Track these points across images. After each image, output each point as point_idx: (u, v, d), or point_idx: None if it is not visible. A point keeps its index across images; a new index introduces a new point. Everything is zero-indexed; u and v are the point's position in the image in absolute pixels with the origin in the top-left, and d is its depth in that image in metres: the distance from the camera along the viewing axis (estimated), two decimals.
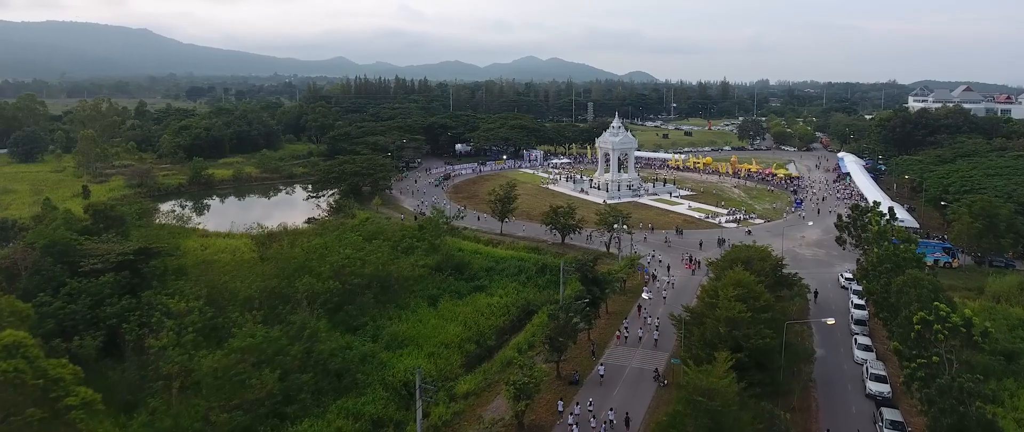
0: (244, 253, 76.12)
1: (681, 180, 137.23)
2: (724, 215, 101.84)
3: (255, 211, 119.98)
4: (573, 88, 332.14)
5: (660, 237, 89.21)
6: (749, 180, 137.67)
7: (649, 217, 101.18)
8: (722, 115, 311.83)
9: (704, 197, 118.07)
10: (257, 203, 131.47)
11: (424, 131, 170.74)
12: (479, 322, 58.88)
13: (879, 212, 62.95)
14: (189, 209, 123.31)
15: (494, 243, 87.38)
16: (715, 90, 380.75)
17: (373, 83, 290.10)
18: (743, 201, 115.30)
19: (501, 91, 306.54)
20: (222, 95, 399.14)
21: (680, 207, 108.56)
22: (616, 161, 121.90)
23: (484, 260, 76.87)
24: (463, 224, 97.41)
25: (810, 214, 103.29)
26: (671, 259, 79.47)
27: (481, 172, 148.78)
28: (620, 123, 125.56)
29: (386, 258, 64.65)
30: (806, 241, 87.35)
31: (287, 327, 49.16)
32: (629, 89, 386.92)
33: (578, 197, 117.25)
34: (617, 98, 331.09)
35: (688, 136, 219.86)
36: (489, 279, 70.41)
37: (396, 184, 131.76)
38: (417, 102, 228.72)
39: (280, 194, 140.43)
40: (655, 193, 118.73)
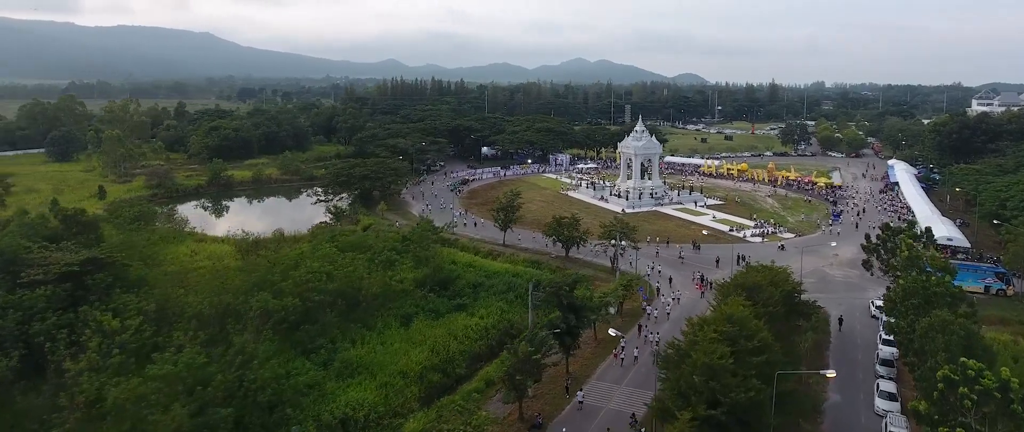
0: (228, 261, 72.25)
1: (712, 188, 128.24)
2: (750, 228, 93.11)
3: (264, 214, 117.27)
4: (612, 90, 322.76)
5: (675, 252, 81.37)
6: (786, 189, 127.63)
7: (667, 229, 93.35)
8: (769, 118, 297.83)
9: (733, 207, 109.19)
10: (271, 206, 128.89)
11: (449, 133, 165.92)
12: (451, 347, 52.86)
13: (912, 233, 54.11)
14: (205, 210, 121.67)
15: (494, 255, 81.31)
16: (763, 92, 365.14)
17: (409, 84, 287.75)
18: (775, 212, 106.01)
19: (539, 93, 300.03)
20: (270, 96, 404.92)
21: (704, 218, 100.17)
22: (639, 167, 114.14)
23: (475, 274, 70.89)
24: (465, 232, 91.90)
25: (847, 229, 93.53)
26: (682, 277, 71.85)
27: (502, 177, 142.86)
28: (644, 127, 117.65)
29: (360, 272, 59.36)
30: (839, 260, 78.10)
31: (224, 350, 44.35)
32: (673, 91, 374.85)
33: (596, 205, 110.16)
34: (659, 100, 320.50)
35: (728, 140, 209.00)
36: (474, 297, 64.30)
37: (412, 188, 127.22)
38: (449, 104, 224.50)
39: (300, 196, 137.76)
40: (680, 202, 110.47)
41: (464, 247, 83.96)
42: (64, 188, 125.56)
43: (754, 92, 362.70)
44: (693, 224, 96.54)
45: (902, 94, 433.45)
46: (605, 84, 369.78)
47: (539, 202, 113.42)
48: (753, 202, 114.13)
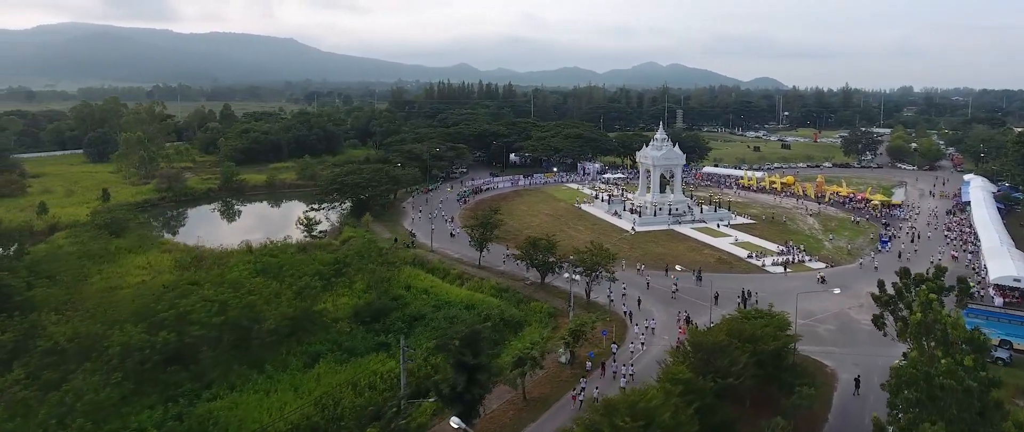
0: (164, 277, 65.55)
1: (748, 203, 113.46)
2: (773, 255, 79.03)
3: (259, 221, 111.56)
4: (668, 94, 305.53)
5: (674, 282, 68.80)
6: (834, 207, 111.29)
7: (675, 253, 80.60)
8: (840, 125, 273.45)
9: (763, 228, 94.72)
10: (270, 212, 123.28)
11: (474, 139, 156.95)
12: (345, 399, 43.37)
13: (935, 283, 40.29)
14: (203, 215, 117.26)
15: (464, 278, 71.27)
16: (835, 97, 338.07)
17: (456, 88, 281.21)
18: (810, 236, 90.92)
19: (591, 97, 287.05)
20: (327, 99, 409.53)
21: (723, 240, 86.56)
22: (657, 180, 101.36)
23: (424, 303, 61.16)
24: (445, 249, 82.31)
25: (892, 260, 77.87)
26: (668, 316, 59.61)
27: (521, 186, 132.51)
28: (664, 134, 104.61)
29: (263, 301, 50.72)
30: (871, 300, 63.53)
31: (61, 395, 37.00)
32: (734, 95, 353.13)
33: (607, 221, 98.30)
34: (720, 105, 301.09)
35: (785, 148, 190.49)
36: (408, 332, 54.58)
37: (420, 197, 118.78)
38: (487, 108, 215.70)
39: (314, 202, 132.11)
40: (701, 220, 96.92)
41: (433, 268, 74.41)
42: (77, 189, 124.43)
43: (824, 97, 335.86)
44: (708, 247, 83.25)
45: (997, 100, 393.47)
46: (664, 88, 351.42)
47: (546, 216, 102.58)
48: (790, 222, 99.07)
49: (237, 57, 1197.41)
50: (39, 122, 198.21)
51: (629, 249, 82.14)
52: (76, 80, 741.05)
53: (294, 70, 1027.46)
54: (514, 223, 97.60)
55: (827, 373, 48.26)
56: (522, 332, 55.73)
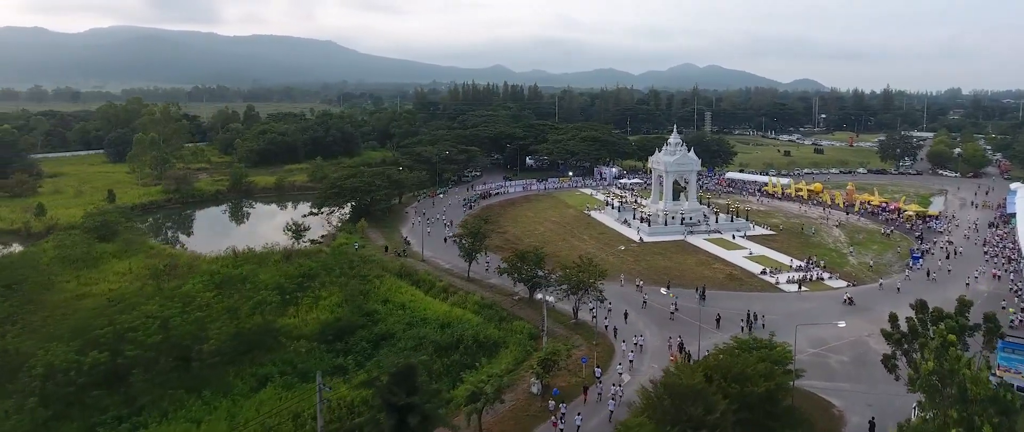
0: (136, 285, 62.55)
1: (770, 212, 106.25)
2: (789, 271, 72.32)
3: (256, 225, 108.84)
4: (696, 96, 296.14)
5: (677, 299, 62.85)
6: (865, 217, 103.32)
7: (683, 266, 74.49)
8: (880, 129, 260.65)
9: (783, 240, 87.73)
10: (271, 216, 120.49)
11: (490, 141, 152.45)
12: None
13: (957, 322, 33.89)
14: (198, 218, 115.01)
15: (450, 291, 66.48)
16: (875, 99, 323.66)
17: (481, 89, 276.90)
18: (834, 249, 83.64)
19: (618, 99, 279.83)
20: (357, 100, 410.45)
21: (737, 253, 80.00)
22: (670, 186, 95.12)
23: (398, 320, 56.70)
24: (436, 258, 77.74)
25: (923, 278, 70.39)
26: (661, 341, 53.86)
27: (532, 190, 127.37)
28: (679, 138, 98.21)
29: (215, 314, 46.85)
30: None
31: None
32: (771, 97, 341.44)
33: (615, 230, 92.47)
34: (753, 107, 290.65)
35: (818, 153, 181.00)
36: (371, 354, 50.14)
37: (425, 201, 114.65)
38: (509, 109, 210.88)
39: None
40: (716, 230, 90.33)
41: (419, 279, 69.85)
42: (88, 190, 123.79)
43: (864, 99, 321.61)
44: (718, 261, 76.83)
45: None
46: (694, 90, 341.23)
47: (551, 223, 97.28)
48: (813, 234, 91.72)
49: (278, 59, 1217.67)
50: (67, 122, 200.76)
51: (633, 262, 76.39)
52: (124, 81, 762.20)
53: (332, 72, 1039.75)
54: (517, 231, 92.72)
55: (834, 415, 42.06)
56: (497, 355, 50.73)
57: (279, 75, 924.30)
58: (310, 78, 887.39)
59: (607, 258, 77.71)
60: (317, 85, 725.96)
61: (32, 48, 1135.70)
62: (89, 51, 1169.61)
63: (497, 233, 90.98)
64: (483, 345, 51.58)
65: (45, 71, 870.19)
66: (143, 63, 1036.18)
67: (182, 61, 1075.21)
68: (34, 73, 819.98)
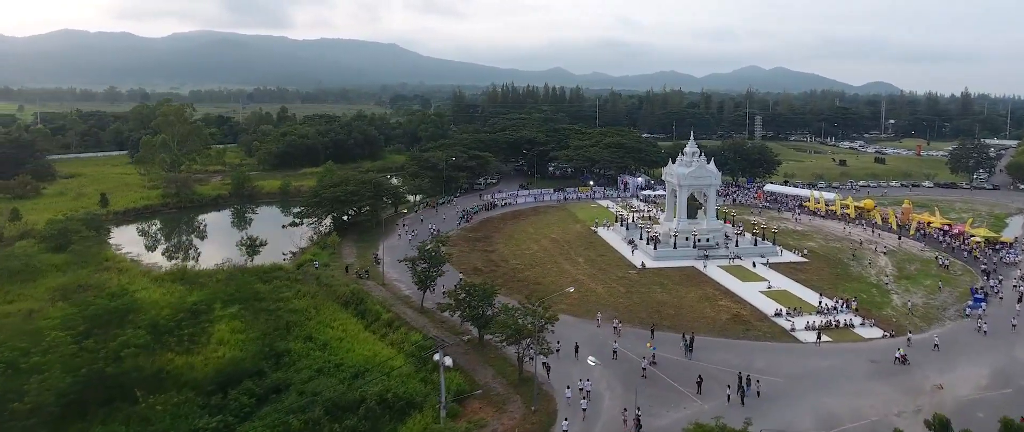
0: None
1: (807, 233, 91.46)
2: (813, 314, 58.73)
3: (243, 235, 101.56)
4: (749, 99, 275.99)
5: (658, 348, 50.65)
6: (922, 241, 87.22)
7: (683, 303, 61.88)
8: (956, 136, 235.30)
9: (815, 269, 73.51)
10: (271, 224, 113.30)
11: (508, 147, 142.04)
12: None
13: None
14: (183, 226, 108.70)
15: (394, 325, 56.31)
16: (953, 103, 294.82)
17: (521, 92, 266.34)
18: (877, 283, 68.91)
19: (666, 102, 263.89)
20: (404, 102, 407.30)
21: (754, 286, 66.63)
22: (685, 202, 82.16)
23: (313, 363, 47.12)
24: (397, 282, 67.73)
25: (993, 328, 55.45)
26: (617, 410, 42.08)
27: (545, 201, 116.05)
28: (696, 147, 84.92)
29: (60, 359, 38.22)
30: (938, 401, 42.92)
31: None
32: (837, 100, 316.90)
33: (618, 252, 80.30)
34: (813, 111, 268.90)
35: (879, 163, 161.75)
36: (250, 412, 40.59)
37: (428, 210, 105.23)
38: (542, 113, 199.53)
39: None
40: (736, 255, 76.79)
41: (367, 309, 60.02)
42: (92, 191, 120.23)
43: (939, 103, 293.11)
44: (727, 296, 63.76)
45: None
46: (747, 93, 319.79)
47: (549, 242, 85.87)
48: (854, 261, 76.97)
49: (343, 61, 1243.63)
50: (105, 123, 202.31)
51: (624, 294, 64.35)
52: (199, 83, 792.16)
53: (394, 74, 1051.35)
54: (506, 250, 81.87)
55: None
56: (406, 422, 40.23)
57: (343, 77, 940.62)
58: (372, 80, 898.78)
59: (595, 288, 66.03)
60: (375, 87, 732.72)
61: (120, 52, 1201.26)
62: (171, 55, 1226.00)
63: (482, 252, 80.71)
64: (391, 407, 41.21)
65: (131, 73, 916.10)
66: (219, 66, 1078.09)
67: (254, 64, 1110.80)
68: (120, 75, 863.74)
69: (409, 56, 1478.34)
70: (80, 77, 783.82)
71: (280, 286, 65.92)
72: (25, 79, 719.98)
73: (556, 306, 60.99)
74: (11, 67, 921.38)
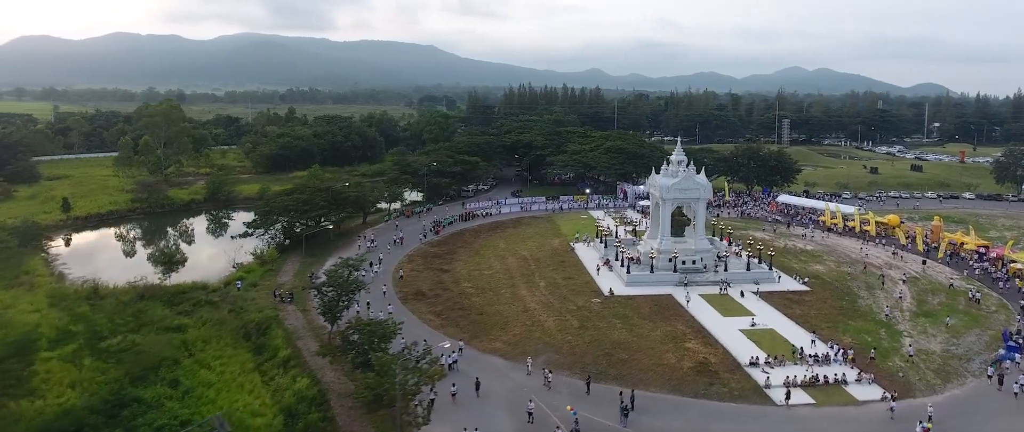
0: None
1: (817, 254, 79.23)
2: (797, 362, 47.54)
3: (201, 246, 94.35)
4: (781, 99, 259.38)
5: (565, 420, 40.40)
6: (950, 266, 74.19)
7: (642, 344, 51.30)
8: (1008, 140, 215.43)
9: (815, 301, 61.85)
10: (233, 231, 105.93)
11: (504, 150, 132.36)
12: None
13: None
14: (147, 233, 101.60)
15: (289, 365, 47.21)
16: (1004, 106, 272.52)
17: (538, 92, 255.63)
18: (889, 323, 56.84)
19: (690, 103, 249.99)
20: (430, 104, 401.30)
21: (736, 322, 55.53)
22: (668, 217, 71.25)
23: (155, 419, 38.37)
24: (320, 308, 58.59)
25: (1013, 389, 43.45)
26: None
27: (533, 211, 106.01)
28: (683, 155, 73.72)
29: None
30: None
31: None
32: (871, 102, 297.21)
33: (589, 274, 69.87)
34: (847, 114, 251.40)
35: (916, 171, 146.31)
36: None
37: (402, 220, 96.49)
38: (553, 115, 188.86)
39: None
40: (723, 281, 65.51)
41: (268, 342, 51.14)
42: (63, 195, 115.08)
43: (989, 105, 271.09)
44: (700, 336, 52.84)
45: None
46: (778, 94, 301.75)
47: (515, 261, 75.87)
48: (866, 290, 64.93)
49: (381, 63, 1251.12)
50: (110, 123, 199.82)
51: (577, 329, 54.08)
52: (242, 84, 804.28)
53: (431, 75, 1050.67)
54: (464, 269, 72.21)
55: None
56: None
57: (381, 78, 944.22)
58: (409, 81, 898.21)
59: (545, 321, 55.92)
60: (410, 88, 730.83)
61: (169, 54, 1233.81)
62: (216, 56, 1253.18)
63: (436, 271, 71.27)
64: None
65: (178, 74, 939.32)
66: (261, 67, 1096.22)
67: (295, 65, 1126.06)
68: (168, 76, 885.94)
69: (447, 57, 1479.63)
70: (131, 78, 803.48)
71: (188, 309, 58.16)
72: (83, 80, 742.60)
73: (490, 344, 51.50)
74: (68, 68, 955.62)
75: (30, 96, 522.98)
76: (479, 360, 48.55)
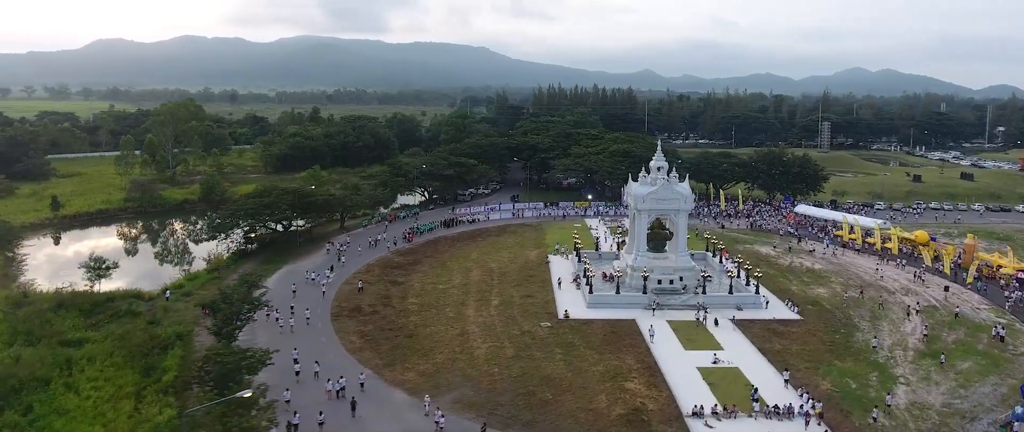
0: None
1: (824, 275, 69.33)
2: (754, 413, 39.17)
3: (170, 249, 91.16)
4: (828, 101, 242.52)
5: None
6: (982, 293, 63.25)
7: (575, 384, 43.86)
8: None
9: (803, 334, 52.74)
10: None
11: (508, 152, 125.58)
12: None
13: None
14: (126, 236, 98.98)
15: (173, 389, 41.93)
16: None
17: (568, 93, 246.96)
18: (885, 364, 47.32)
19: (728, 105, 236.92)
20: (465, 104, 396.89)
21: (695, 357, 47.26)
22: (644, 230, 63.15)
23: None
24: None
25: None
26: None
27: (523, 218, 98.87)
28: (663, 161, 65.22)
29: None
30: None
31: None
32: (934, 104, 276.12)
33: (551, 291, 62.48)
34: (902, 117, 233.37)
35: (967, 179, 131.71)
36: None
37: (383, 225, 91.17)
38: (576, 116, 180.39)
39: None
40: (701, 305, 56.95)
41: (156, 363, 46.00)
42: (63, 194, 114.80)
43: None
44: (648, 373, 44.85)
45: None
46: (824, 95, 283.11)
47: (483, 273, 69.16)
48: (870, 320, 55.25)
49: (434, 64, 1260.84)
50: (136, 121, 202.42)
51: (509, 360, 47.02)
52: (299, 85, 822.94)
53: (482, 76, 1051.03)
54: (420, 283, 65.96)
55: None
56: None
57: (433, 79, 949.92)
58: (460, 82, 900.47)
59: (477, 348, 49.05)
60: (459, 89, 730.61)
61: (233, 56, 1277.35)
62: (276, 58, 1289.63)
63: (388, 283, 65.29)
64: None
65: (240, 75, 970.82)
66: (318, 68, 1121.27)
67: (350, 67, 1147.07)
68: (231, 77, 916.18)
69: (499, 59, 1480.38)
70: (195, 79, 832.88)
71: (105, 320, 53.95)
72: (152, 80, 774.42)
73: (402, 373, 45.03)
74: (139, 70, 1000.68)
75: (96, 96, 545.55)
76: (380, 393, 42.15)
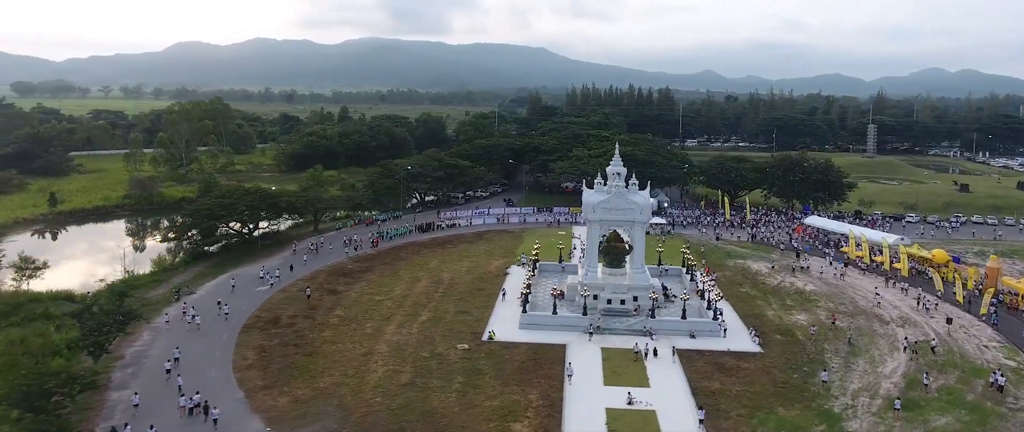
0: None
1: (811, 297, 60.43)
2: None
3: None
4: (881, 103, 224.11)
5: None
6: (996, 326, 53.14)
7: (460, 421, 37.93)
8: None
9: (753, 372, 44.87)
10: None
11: (512, 154, 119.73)
12: None
13: None
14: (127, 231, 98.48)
15: None
16: None
17: (603, 94, 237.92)
18: (842, 414, 39.11)
19: (772, 106, 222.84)
20: (508, 105, 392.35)
21: (611, 394, 40.39)
22: (596, 242, 56.33)
23: None
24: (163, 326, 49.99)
25: None
26: None
27: (507, 224, 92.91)
28: (621, 166, 58.06)
29: None
30: None
31: None
32: (997, 106, 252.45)
33: (491, 308, 56.54)
34: (967, 120, 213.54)
35: (1021, 189, 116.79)
36: None
37: (358, 228, 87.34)
38: (600, 116, 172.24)
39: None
40: (647, 331, 49.74)
41: None
42: (75, 189, 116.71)
43: None
44: (544, 413, 38.33)
45: None
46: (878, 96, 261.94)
47: (431, 284, 63.97)
48: (845, 357, 46.73)
49: (493, 65, 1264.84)
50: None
51: (401, 388, 41.62)
52: (362, 86, 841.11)
53: (541, 77, 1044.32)
54: (362, 293, 61.32)
55: None
56: None
57: (491, 80, 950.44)
58: (518, 83, 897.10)
59: (375, 371, 43.90)
60: (512, 90, 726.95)
61: (301, 57, 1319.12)
62: (341, 59, 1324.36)
63: (329, 293, 61.07)
64: None
65: (307, 76, 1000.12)
66: (380, 69, 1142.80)
67: (413, 67, 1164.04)
68: (298, 78, 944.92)
69: (557, 60, 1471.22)
70: (264, 80, 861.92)
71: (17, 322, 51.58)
72: (225, 81, 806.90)
73: (275, 399, 40.35)
74: (213, 71, 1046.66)
75: (166, 95, 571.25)
76: (240, 422, 37.44)
